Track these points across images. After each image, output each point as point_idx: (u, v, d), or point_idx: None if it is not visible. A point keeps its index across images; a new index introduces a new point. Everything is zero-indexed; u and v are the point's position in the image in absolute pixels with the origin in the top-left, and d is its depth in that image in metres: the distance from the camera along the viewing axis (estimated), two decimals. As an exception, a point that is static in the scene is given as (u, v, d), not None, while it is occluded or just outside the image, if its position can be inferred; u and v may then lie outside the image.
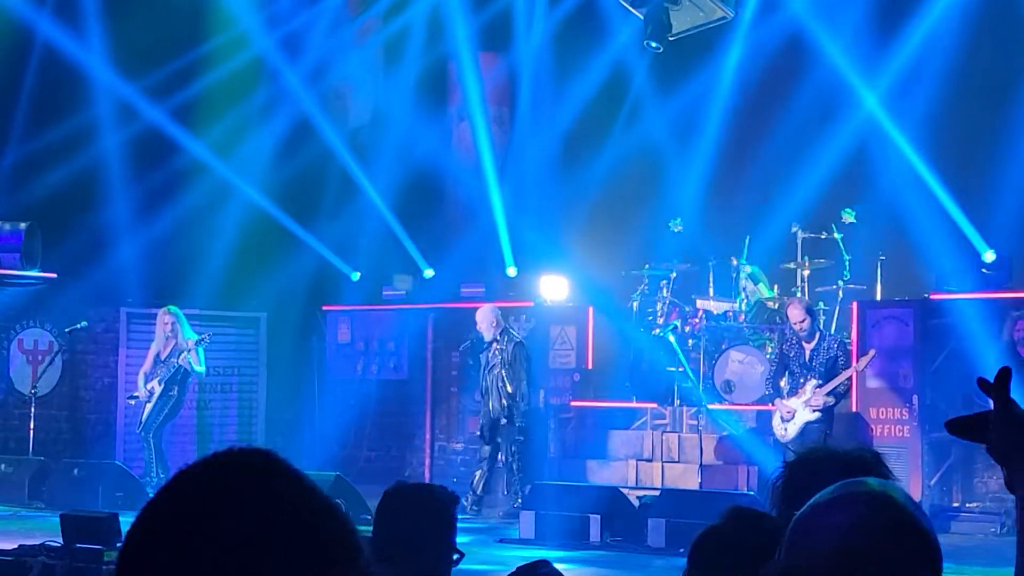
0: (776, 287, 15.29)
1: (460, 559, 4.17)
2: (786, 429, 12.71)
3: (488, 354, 14.36)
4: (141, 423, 14.44)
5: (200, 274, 16.71)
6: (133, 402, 14.77)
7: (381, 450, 17.61)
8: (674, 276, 15.32)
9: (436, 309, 17.24)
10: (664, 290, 15.31)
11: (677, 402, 14.75)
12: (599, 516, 12.08)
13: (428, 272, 17.66)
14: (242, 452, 1.45)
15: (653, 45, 14.85)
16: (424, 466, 17.03)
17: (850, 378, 12.91)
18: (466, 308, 16.04)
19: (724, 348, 14.75)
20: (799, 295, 14.35)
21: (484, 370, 14.40)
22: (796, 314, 12.84)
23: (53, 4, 16.85)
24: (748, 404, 14.37)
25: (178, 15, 16.97)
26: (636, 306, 15.54)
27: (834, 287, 14.87)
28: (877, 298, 14.81)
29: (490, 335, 14.34)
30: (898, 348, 14.03)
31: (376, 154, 18.33)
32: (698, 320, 14.91)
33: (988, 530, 12.63)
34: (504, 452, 14.38)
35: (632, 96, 17.83)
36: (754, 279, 15.18)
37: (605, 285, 16.15)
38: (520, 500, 13.67)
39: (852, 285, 14.87)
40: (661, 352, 14.84)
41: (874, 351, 13.20)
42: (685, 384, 14.51)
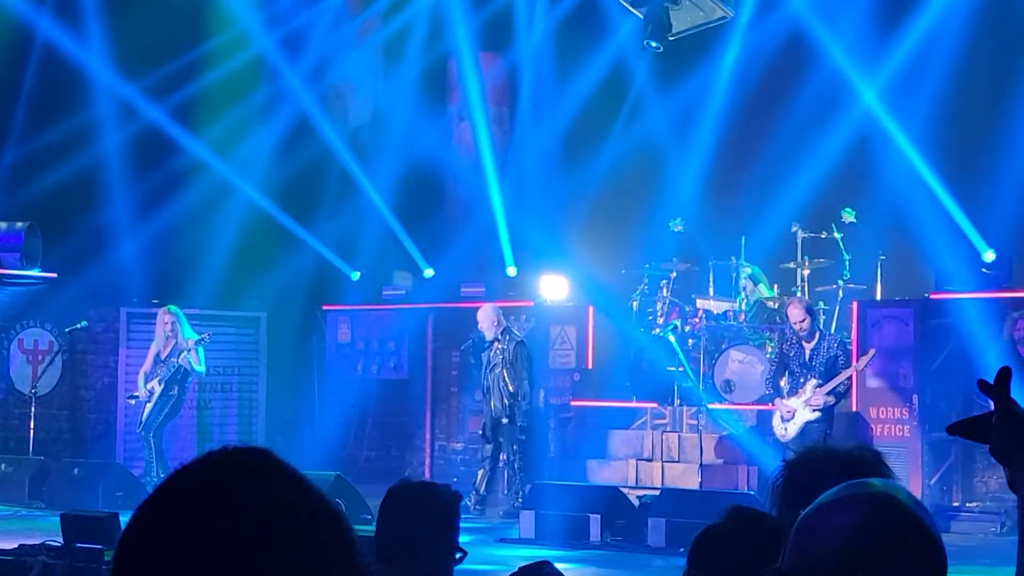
0: (776, 287, 15.29)
1: (463, 558, 4.17)
2: (786, 429, 12.71)
3: (489, 353, 14.36)
4: (141, 423, 14.44)
5: (200, 274, 16.70)
6: (133, 402, 14.76)
7: (381, 450, 17.60)
8: (674, 276, 15.31)
9: (436, 309, 17.24)
10: (664, 290, 15.31)
11: (677, 402, 14.75)
12: (599, 516, 12.07)
13: (428, 272, 17.65)
14: (238, 451, 1.45)
15: (653, 45, 14.85)
16: (424, 466, 17.02)
17: (850, 378, 12.90)
18: (466, 308, 16.04)
19: (724, 348, 14.74)
20: (799, 295, 14.34)
21: (485, 369, 14.40)
22: (796, 314, 12.83)
23: (53, 4, 16.84)
24: (748, 404, 14.37)
25: (178, 15, 16.96)
26: (636, 306, 15.55)
27: (834, 287, 14.86)
28: (877, 298, 14.81)
29: (491, 334, 14.35)
30: (898, 348, 14.03)
31: (376, 154, 18.32)
32: (698, 320, 14.91)
33: (988, 529, 12.62)
34: (506, 451, 14.38)
35: (632, 95, 17.82)
36: (754, 280, 15.17)
37: (605, 284, 16.15)
38: (520, 500, 13.67)
39: (852, 285, 14.86)
40: (661, 352, 14.84)
41: (874, 351, 13.20)
42: (685, 384, 14.51)
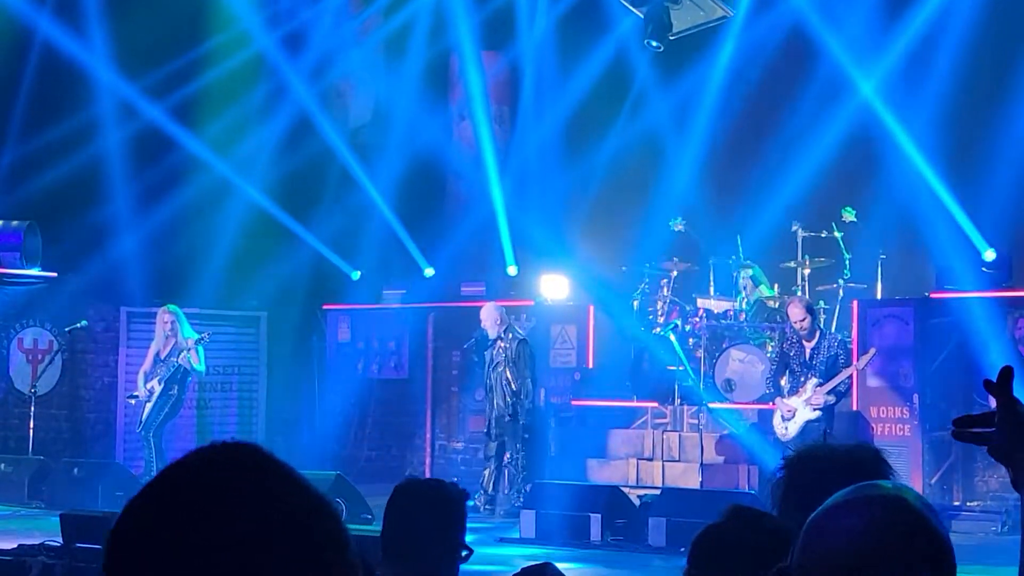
0: (776, 286, 15.28)
1: (469, 556, 4.15)
2: (787, 428, 12.70)
3: (492, 351, 14.35)
4: (141, 422, 14.43)
5: (200, 273, 16.69)
6: (133, 401, 14.75)
7: (381, 449, 17.60)
8: (675, 275, 15.30)
9: (436, 308, 17.24)
10: (665, 289, 15.30)
11: (678, 401, 14.75)
12: (600, 515, 12.06)
13: (428, 271, 17.65)
14: (232, 448, 1.42)
15: (654, 44, 14.84)
16: (424, 465, 17.02)
17: (851, 377, 12.90)
18: (467, 307, 16.03)
19: (725, 347, 14.74)
20: (799, 294, 14.33)
21: (488, 367, 14.39)
22: (796, 313, 12.83)
23: (53, 3, 16.82)
24: (749, 403, 14.36)
25: (179, 14, 16.94)
26: (637, 305, 15.54)
27: (834, 286, 14.86)
28: (878, 297, 14.80)
29: (494, 332, 14.34)
30: (898, 347, 14.03)
31: (376, 153, 18.31)
32: (699, 319, 14.89)
33: (989, 529, 12.61)
34: (510, 450, 14.37)
35: (634, 92, 17.79)
36: (756, 281, 15.15)
37: (606, 282, 16.14)
38: (521, 499, 13.65)
39: (852, 284, 14.85)
40: (662, 351, 14.84)
41: (874, 350, 13.20)
42: (686, 383, 14.51)
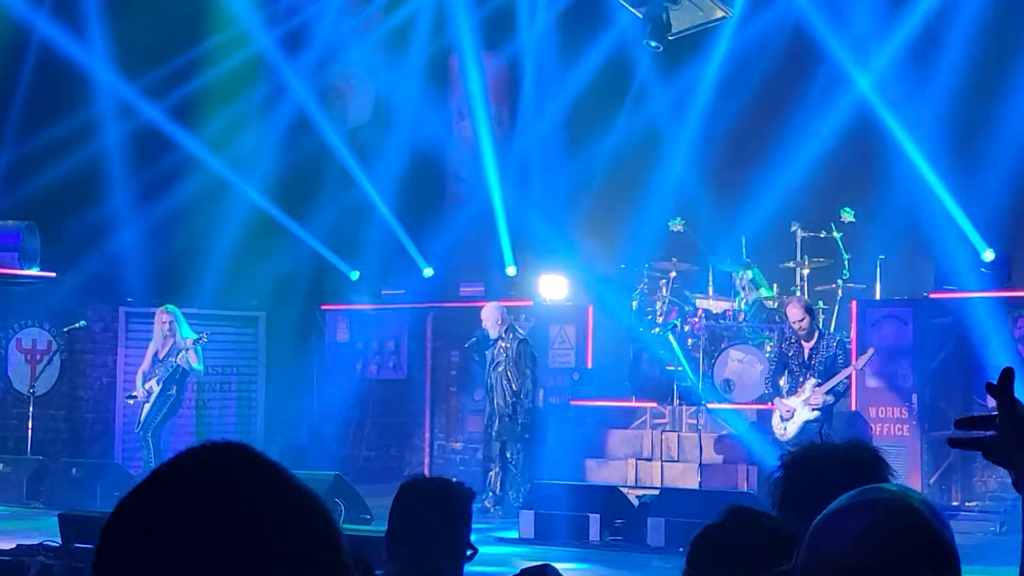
0: (775, 286, 15.28)
1: (473, 555, 4.13)
2: (785, 428, 12.70)
3: (493, 351, 14.34)
4: (140, 422, 14.42)
5: (199, 273, 16.68)
6: (132, 402, 14.75)
7: (380, 450, 17.60)
8: (673, 275, 15.30)
9: (435, 308, 17.24)
10: (663, 289, 15.30)
11: (677, 401, 14.75)
12: (598, 515, 12.06)
13: (427, 271, 17.64)
14: (223, 448, 1.42)
15: (653, 44, 14.83)
16: (423, 465, 17.01)
17: (849, 377, 12.90)
18: (466, 307, 16.03)
19: (724, 347, 14.74)
20: (798, 294, 14.33)
21: (489, 367, 14.38)
22: (795, 313, 12.82)
23: (51, 2, 16.80)
24: (748, 403, 14.36)
25: (178, 13, 16.92)
26: (636, 305, 15.53)
27: (833, 286, 14.86)
28: (876, 297, 14.81)
29: (495, 332, 14.33)
30: (897, 347, 14.04)
31: (375, 153, 18.30)
32: (697, 319, 14.89)
33: (988, 529, 12.59)
34: (509, 450, 14.36)
35: (633, 91, 17.76)
36: (755, 284, 15.14)
37: (606, 281, 16.13)
38: (520, 499, 13.65)
39: (851, 284, 14.86)
40: (660, 351, 14.84)
41: (873, 350, 13.20)
42: (685, 383, 14.50)
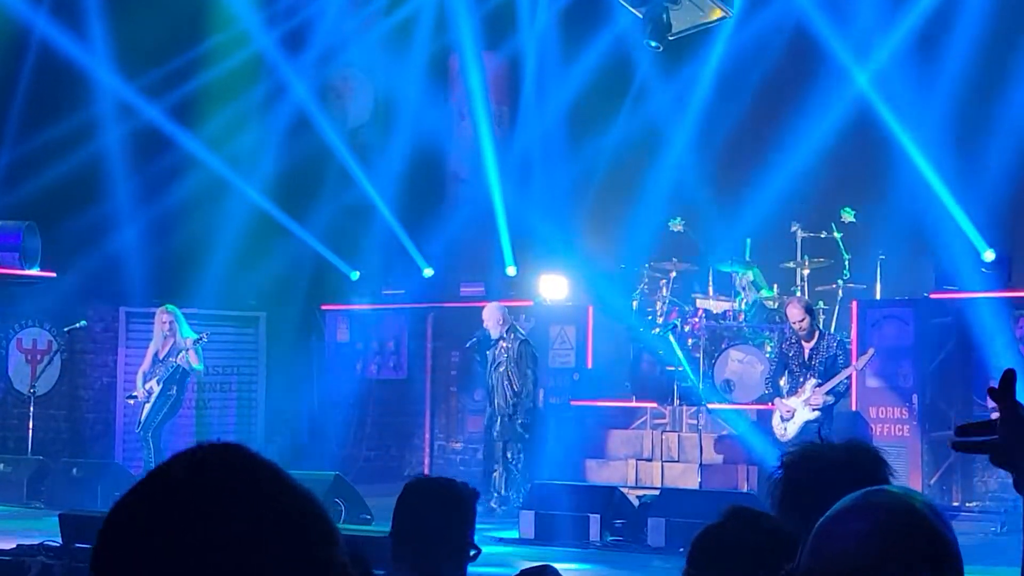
0: (776, 286, 15.28)
1: (477, 555, 4.12)
2: (786, 428, 12.69)
3: (495, 351, 14.33)
4: (140, 422, 14.41)
5: (199, 273, 16.67)
6: (132, 402, 14.74)
7: (380, 450, 17.60)
8: (673, 275, 15.30)
9: (435, 308, 17.24)
10: (664, 289, 15.30)
11: (677, 401, 14.75)
12: (599, 516, 12.06)
13: (427, 271, 17.64)
14: (219, 448, 1.42)
15: (653, 45, 14.84)
16: (423, 465, 17.01)
17: (849, 377, 12.89)
18: (466, 307, 16.03)
19: (724, 347, 14.74)
20: (798, 294, 14.33)
21: (490, 367, 14.37)
22: (795, 313, 12.82)
23: (50, 2, 16.79)
24: (748, 403, 14.36)
25: (178, 13, 16.92)
26: (636, 305, 15.53)
27: (834, 286, 14.86)
28: (877, 297, 14.81)
29: (497, 332, 14.32)
30: (898, 347, 14.04)
31: (375, 153, 18.30)
32: (698, 319, 14.89)
33: (988, 529, 12.58)
34: (510, 450, 14.36)
35: (634, 90, 17.74)
36: (756, 286, 15.13)
37: (606, 280, 16.11)
38: (520, 499, 13.64)
39: (852, 284, 14.86)
40: (661, 351, 14.84)
41: (873, 350, 13.19)
42: (685, 383, 14.50)
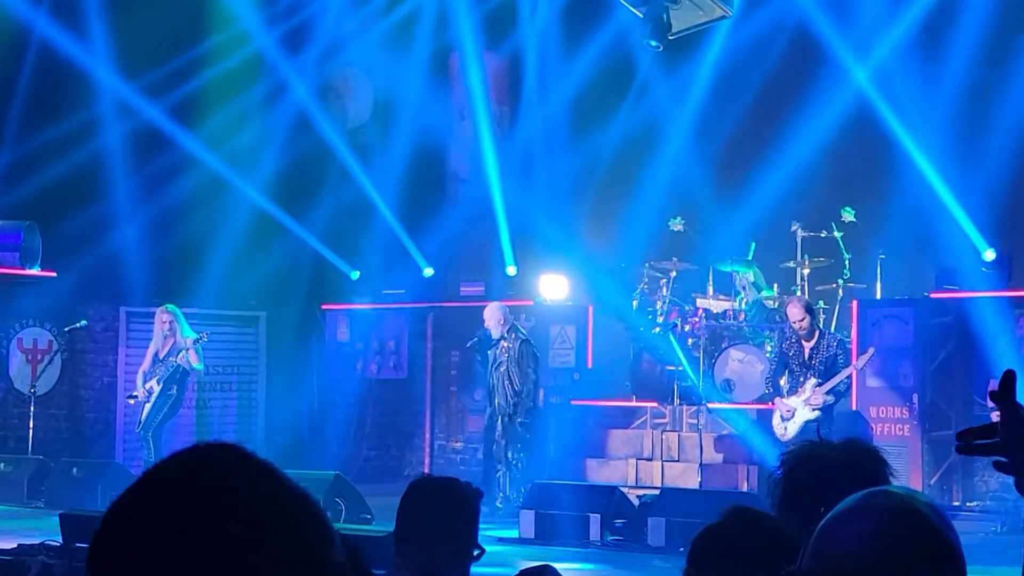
0: (776, 286, 15.28)
1: (480, 555, 4.12)
2: (786, 428, 12.69)
3: (496, 351, 14.32)
4: (140, 422, 14.42)
5: (200, 273, 16.68)
6: (132, 401, 14.75)
7: (381, 449, 17.61)
8: (673, 275, 15.29)
9: (436, 308, 17.24)
10: (664, 288, 15.29)
11: (677, 401, 14.75)
12: (599, 515, 12.06)
13: (428, 271, 17.64)
14: (215, 448, 1.41)
15: (653, 44, 14.84)
16: (424, 465, 17.01)
17: (850, 376, 12.89)
18: (466, 307, 16.03)
19: (724, 347, 14.73)
20: (799, 294, 14.33)
21: (491, 367, 14.36)
22: (795, 313, 12.82)
23: (50, 2, 16.79)
24: (748, 403, 14.36)
25: (178, 13, 16.92)
26: (636, 304, 15.53)
27: (834, 286, 14.86)
28: (877, 297, 14.81)
29: (498, 332, 14.31)
30: (898, 347, 14.04)
31: (376, 153, 18.30)
32: (698, 319, 14.89)
33: (988, 529, 12.58)
34: (511, 450, 14.36)
35: (634, 91, 17.74)
36: (757, 287, 15.12)
37: (607, 279, 16.10)
38: (521, 499, 13.64)
39: (852, 284, 14.86)
40: (661, 351, 14.84)
41: (873, 349, 13.19)
42: (685, 383, 14.50)
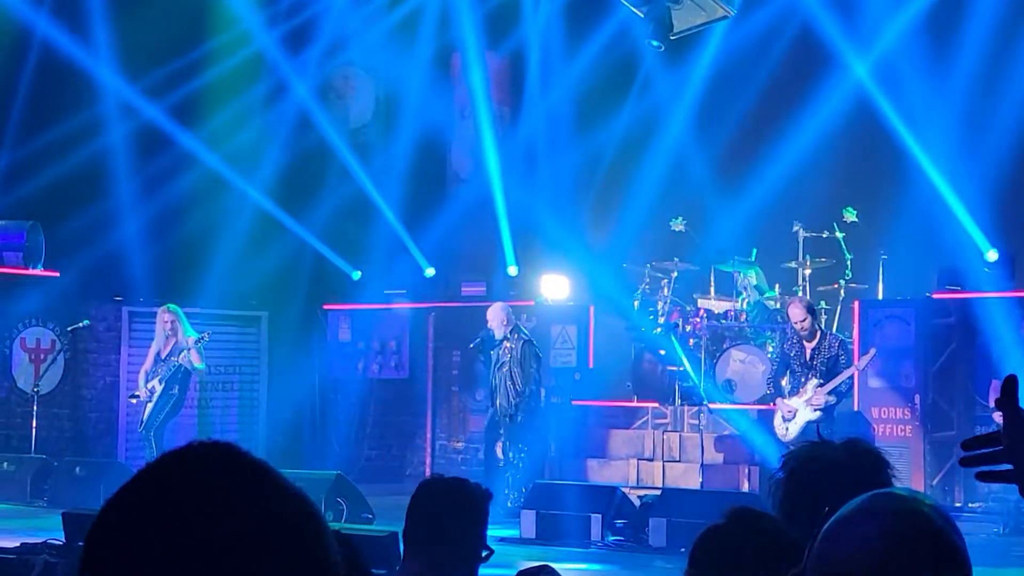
0: (778, 286, 15.27)
1: (489, 556, 4.10)
2: (787, 428, 12.69)
3: (498, 351, 14.33)
4: (143, 422, 14.44)
5: (202, 273, 16.70)
6: (134, 401, 14.77)
7: (382, 449, 17.61)
8: (675, 275, 15.29)
9: (437, 308, 17.24)
10: (665, 289, 15.29)
11: (678, 401, 14.75)
12: (600, 515, 12.06)
13: (429, 271, 17.65)
14: (210, 447, 1.41)
15: (655, 44, 14.85)
16: (425, 465, 17.02)
17: (851, 377, 12.89)
18: (467, 307, 16.03)
19: (725, 347, 14.73)
20: (800, 294, 14.33)
21: (494, 367, 14.37)
22: (797, 313, 12.82)
23: (52, 2, 16.80)
24: (749, 403, 14.36)
25: (180, 13, 16.92)
26: (637, 304, 15.53)
27: (836, 286, 14.86)
28: (879, 297, 14.81)
29: (501, 333, 14.31)
30: (900, 347, 14.04)
31: (377, 153, 18.31)
32: (699, 319, 14.89)
33: (991, 530, 12.59)
34: (512, 450, 14.36)
35: (634, 92, 17.73)
36: (759, 289, 15.11)
37: (608, 281, 16.10)
38: (522, 499, 13.64)
39: (854, 284, 14.86)
40: (662, 351, 14.83)
41: (874, 350, 13.20)
42: (686, 383, 14.51)
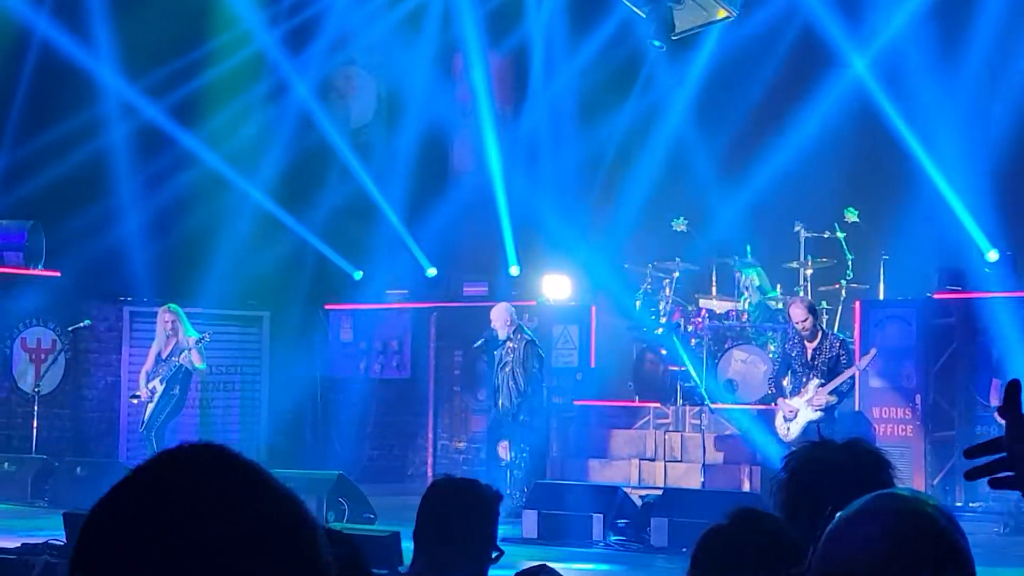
0: (779, 286, 15.28)
1: (499, 556, 4.08)
2: (789, 428, 12.70)
3: (502, 352, 14.33)
4: (144, 422, 14.44)
5: (203, 272, 16.70)
6: (135, 401, 14.77)
7: (384, 449, 17.61)
8: (677, 275, 15.29)
9: (439, 308, 17.24)
10: (667, 289, 15.29)
11: (680, 401, 14.75)
12: (602, 515, 12.06)
13: (431, 271, 17.65)
14: (201, 449, 1.41)
15: (657, 44, 14.86)
16: (427, 465, 17.02)
17: (853, 377, 12.88)
18: (469, 307, 16.03)
19: (727, 347, 14.74)
20: (801, 294, 14.33)
21: (497, 367, 14.37)
22: (798, 313, 12.82)
23: (52, 2, 16.81)
24: (751, 403, 14.36)
25: (181, 13, 16.93)
26: (639, 305, 15.53)
27: (837, 286, 14.86)
28: (880, 297, 14.81)
29: (504, 333, 14.31)
30: (901, 347, 14.05)
31: (379, 153, 18.31)
32: (701, 319, 14.89)
33: (991, 530, 12.59)
34: (514, 450, 14.36)
35: (635, 92, 17.73)
36: (762, 291, 15.11)
37: (610, 281, 16.09)
38: (523, 499, 13.64)
39: (855, 284, 14.86)
40: (664, 351, 14.83)
41: (875, 350, 13.20)
42: (688, 383, 14.51)
